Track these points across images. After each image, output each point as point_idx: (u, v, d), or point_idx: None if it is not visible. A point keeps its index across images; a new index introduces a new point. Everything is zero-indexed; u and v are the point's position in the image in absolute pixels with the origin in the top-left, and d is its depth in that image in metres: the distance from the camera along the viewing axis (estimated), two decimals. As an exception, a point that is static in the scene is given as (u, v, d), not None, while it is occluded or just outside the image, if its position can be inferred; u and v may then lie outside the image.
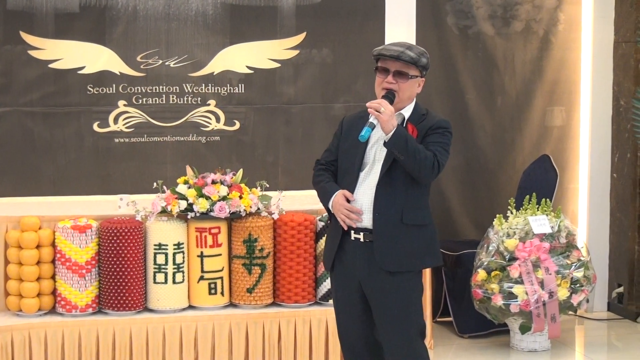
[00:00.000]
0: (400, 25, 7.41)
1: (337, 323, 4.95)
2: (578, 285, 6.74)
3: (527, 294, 6.62)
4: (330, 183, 4.86)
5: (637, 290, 7.76)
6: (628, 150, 7.76)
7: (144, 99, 7.16)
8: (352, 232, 4.75)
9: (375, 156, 4.74)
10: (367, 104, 4.61)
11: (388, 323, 4.76)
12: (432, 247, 4.83)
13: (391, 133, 4.55)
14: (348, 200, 4.74)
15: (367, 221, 4.72)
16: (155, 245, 6.15)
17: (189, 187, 6.21)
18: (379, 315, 4.78)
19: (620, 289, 7.92)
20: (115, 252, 6.06)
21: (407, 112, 4.78)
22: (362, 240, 4.74)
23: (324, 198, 4.83)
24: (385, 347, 4.83)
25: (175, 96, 7.20)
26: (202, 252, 6.21)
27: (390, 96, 4.69)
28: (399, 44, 4.79)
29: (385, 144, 4.59)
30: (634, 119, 7.54)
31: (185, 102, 7.21)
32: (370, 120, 4.61)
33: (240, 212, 6.19)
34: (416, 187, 4.71)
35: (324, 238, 6.28)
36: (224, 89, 7.26)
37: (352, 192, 4.75)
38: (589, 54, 7.91)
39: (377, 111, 4.56)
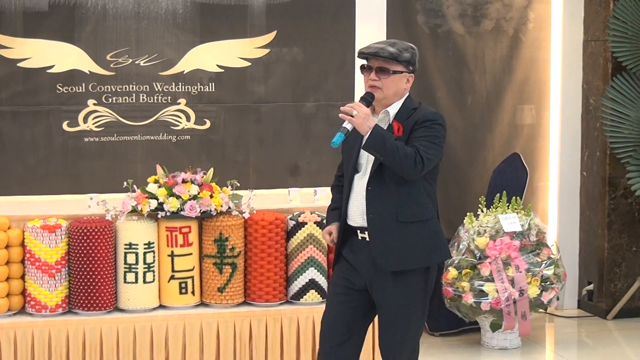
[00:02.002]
0: (370, 24, 7.42)
1: (325, 312, 4.90)
2: (548, 283, 6.77)
3: (497, 292, 6.65)
4: (331, 213, 4.96)
5: (607, 287, 7.81)
6: (597, 148, 7.80)
7: (114, 98, 7.13)
8: (359, 232, 4.75)
9: (368, 157, 4.72)
10: (340, 109, 4.60)
11: (391, 324, 4.74)
12: (435, 242, 4.76)
13: (367, 135, 4.54)
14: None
15: (366, 222, 4.73)
16: (125, 244, 6.13)
17: (160, 187, 6.20)
18: (384, 316, 4.77)
19: (590, 287, 7.97)
20: (85, 251, 6.03)
21: (393, 109, 4.74)
22: (368, 239, 4.73)
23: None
24: (381, 345, 4.82)
25: (145, 95, 7.18)
26: (172, 252, 6.20)
27: (368, 98, 4.67)
28: (383, 41, 4.78)
29: (363, 146, 4.59)
30: (603, 117, 7.58)
31: (156, 101, 7.20)
32: (343, 125, 4.59)
33: (210, 211, 6.18)
34: (410, 184, 4.67)
35: (295, 237, 6.29)
36: (194, 87, 7.25)
37: (349, 195, 4.77)
38: (558, 53, 7.95)
39: (350, 115, 4.54)
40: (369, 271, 4.74)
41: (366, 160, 4.74)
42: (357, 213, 4.74)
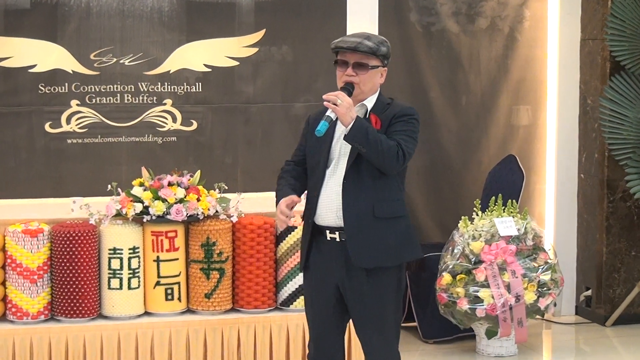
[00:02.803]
0: (362, 22, 7.40)
1: (310, 326, 4.93)
2: (545, 288, 6.77)
3: (493, 297, 6.64)
4: (283, 189, 4.85)
5: (605, 293, 7.81)
6: (595, 150, 7.80)
7: (98, 99, 7.11)
8: (328, 231, 4.74)
9: (341, 151, 4.73)
10: (324, 97, 4.60)
11: (367, 324, 4.77)
12: (409, 239, 4.80)
13: (350, 125, 4.54)
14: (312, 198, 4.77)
15: (340, 220, 4.70)
16: (109, 249, 6.12)
17: (145, 190, 6.18)
18: (358, 317, 4.79)
19: (588, 292, 7.97)
20: (68, 257, 6.01)
21: (370, 102, 4.76)
22: (338, 239, 4.72)
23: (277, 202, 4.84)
24: (363, 349, 4.85)
25: (130, 95, 7.16)
26: (158, 257, 6.18)
27: (349, 88, 4.67)
28: (357, 34, 4.78)
29: (345, 137, 4.58)
30: (602, 118, 7.58)
31: (141, 101, 7.18)
32: (327, 113, 4.59)
33: (197, 215, 6.17)
34: (385, 179, 4.69)
35: (284, 241, 6.28)
36: (180, 87, 7.23)
37: (319, 191, 4.75)
38: (555, 52, 7.95)
39: (334, 104, 4.55)
40: (340, 271, 4.74)
41: (338, 154, 4.74)
42: (329, 210, 4.72)
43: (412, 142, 4.68)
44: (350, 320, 4.90)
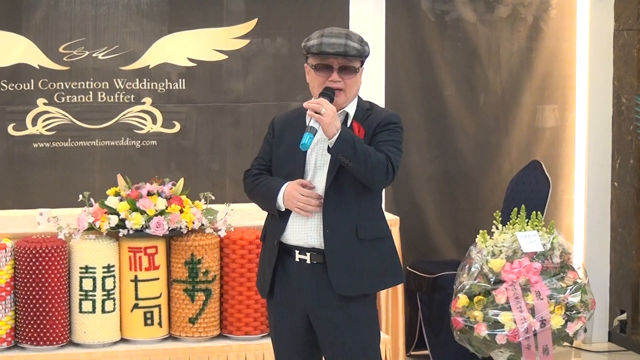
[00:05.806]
0: (366, 10, 7.42)
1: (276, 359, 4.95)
2: (574, 312, 6.78)
3: (515, 322, 6.65)
4: (275, 179, 4.80)
5: (643, 317, 7.84)
6: (631, 155, 7.82)
7: (68, 97, 7.13)
8: (297, 252, 4.74)
9: (317, 162, 4.74)
10: (305, 105, 4.60)
11: (343, 354, 4.75)
12: (392, 262, 4.83)
13: (335, 137, 4.53)
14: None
15: (314, 239, 4.71)
16: (81, 268, 6.13)
17: (121, 200, 6.20)
18: (332, 351, 4.78)
19: (623, 316, 7.98)
20: (34, 276, 6.02)
21: (350, 108, 4.77)
22: (308, 262, 4.72)
23: (271, 194, 4.75)
24: None
25: (104, 93, 7.18)
26: (136, 276, 6.20)
27: (329, 93, 4.67)
28: (334, 33, 4.73)
29: (329, 150, 4.58)
30: (638, 119, 7.60)
31: (116, 100, 7.20)
32: (311, 124, 4.59)
33: (181, 228, 6.18)
34: (368, 195, 4.72)
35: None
36: (161, 84, 7.25)
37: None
38: (585, 44, 7.97)
39: (317, 112, 4.55)
40: (310, 297, 4.74)
41: (314, 165, 4.75)
42: (302, 229, 4.73)
43: (399, 154, 4.70)
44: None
